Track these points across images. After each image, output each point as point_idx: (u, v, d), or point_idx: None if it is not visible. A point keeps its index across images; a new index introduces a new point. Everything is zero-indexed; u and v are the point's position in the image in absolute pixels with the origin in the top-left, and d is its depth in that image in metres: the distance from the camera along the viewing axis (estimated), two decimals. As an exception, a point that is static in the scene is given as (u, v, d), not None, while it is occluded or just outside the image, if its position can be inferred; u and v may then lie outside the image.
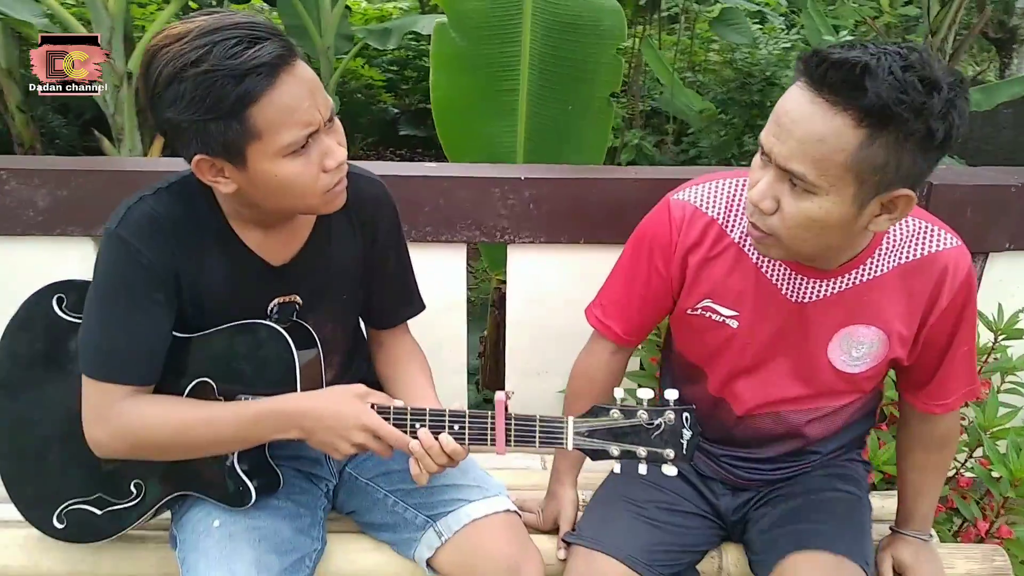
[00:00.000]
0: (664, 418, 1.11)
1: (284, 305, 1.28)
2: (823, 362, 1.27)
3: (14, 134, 4.21)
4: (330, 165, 1.11)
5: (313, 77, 1.08)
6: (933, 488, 1.40)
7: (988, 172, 1.97)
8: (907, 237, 1.21)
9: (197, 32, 1.01)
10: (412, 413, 1.19)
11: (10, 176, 1.81)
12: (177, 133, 1.07)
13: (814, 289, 1.23)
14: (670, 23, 6.35)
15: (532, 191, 1.87)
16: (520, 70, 2.21)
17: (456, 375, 2.09)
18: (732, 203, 1.27)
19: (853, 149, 0.97)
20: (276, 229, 1.24)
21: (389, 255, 1.38)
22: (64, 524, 1.33)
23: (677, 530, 1.37)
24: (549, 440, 1.16)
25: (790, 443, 1.39)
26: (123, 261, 1.14)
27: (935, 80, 0.95)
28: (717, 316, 1.29)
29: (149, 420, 1.17)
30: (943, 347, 1.26)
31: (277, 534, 1.27)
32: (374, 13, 7.48)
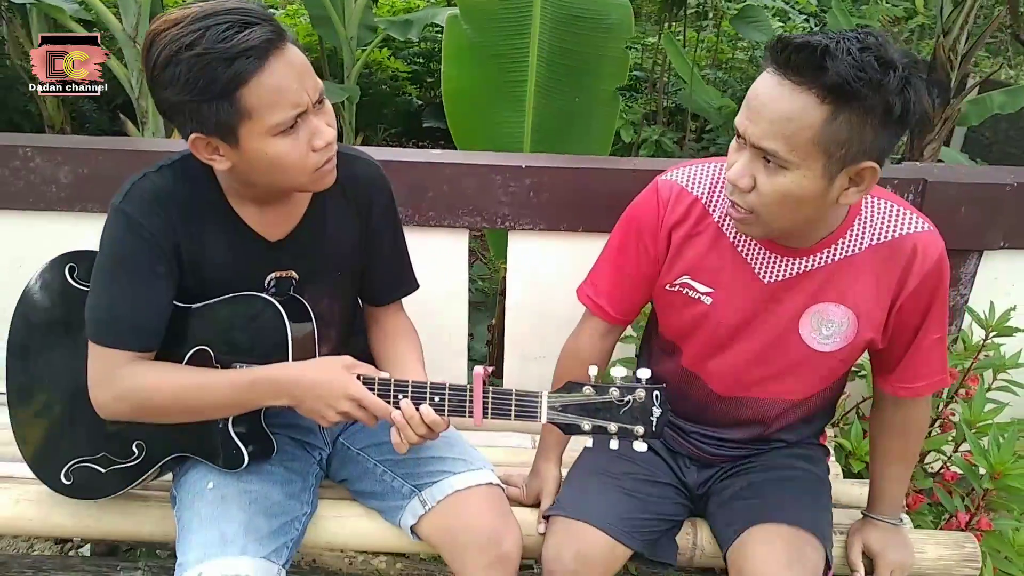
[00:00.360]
0: (635, 396, 1.16)
1: (281, 280, 1.34)
2: (794, 339, 1.32)
3: (45, 117, 4.33)
4: (318, 144, 1.16)
5: (303, 60, 1.13)
6: (899, 473, 1.44)
7: (983, 171, 1.99)
8: (879, 219, 1.26)
9: (192, 17, 1.06)
10: (395, 385, 1.25)
11: (35, 153, 1.90)
12: (174, 113, 1.12)
13: (787, 268, 1.29)
14: (699, 20, 6.35)
15: (532, 179, 1.91)
16: (529, 62, 2.26)
17: (458, 357, 2.15)
18: (715, 184, 1.33)
19: (819, 125, 1.04)
20: (273, 206, 1.30)
21: (383, 234, 1.43)
22: (71, 481, 1.41)
23: (652, 500, 1.42)
24: (524, 413, 1.21)
25: (758, 427, 1.43)
26: (126, 234, 1.21)
27: (890, 60, 1.03)
28: (693, 292, 1.35)
29: (149, 384, 1.23)
30: (913, 330, 1.30)
31: (268, 497, 1.34)
32: (401, 5, 7.56)
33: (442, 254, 2.03)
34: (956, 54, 3.03)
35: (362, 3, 4.60)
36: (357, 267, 1.43)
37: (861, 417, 1.94)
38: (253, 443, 1.35)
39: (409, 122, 6.76)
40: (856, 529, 1.47)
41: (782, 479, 1.42)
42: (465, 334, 2.13)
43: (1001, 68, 4.11)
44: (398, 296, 1.52)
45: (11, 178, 1.92)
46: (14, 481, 1.53)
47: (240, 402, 1.26)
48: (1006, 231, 1.90)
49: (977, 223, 1.88)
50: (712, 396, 1.41)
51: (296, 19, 7.64)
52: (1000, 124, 6.05)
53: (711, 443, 1.47)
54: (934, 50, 3.13)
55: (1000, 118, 5.54)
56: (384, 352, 1.48)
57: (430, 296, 2.03)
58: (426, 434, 1.25)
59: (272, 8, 9.27)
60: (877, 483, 1.46)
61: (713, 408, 1.43)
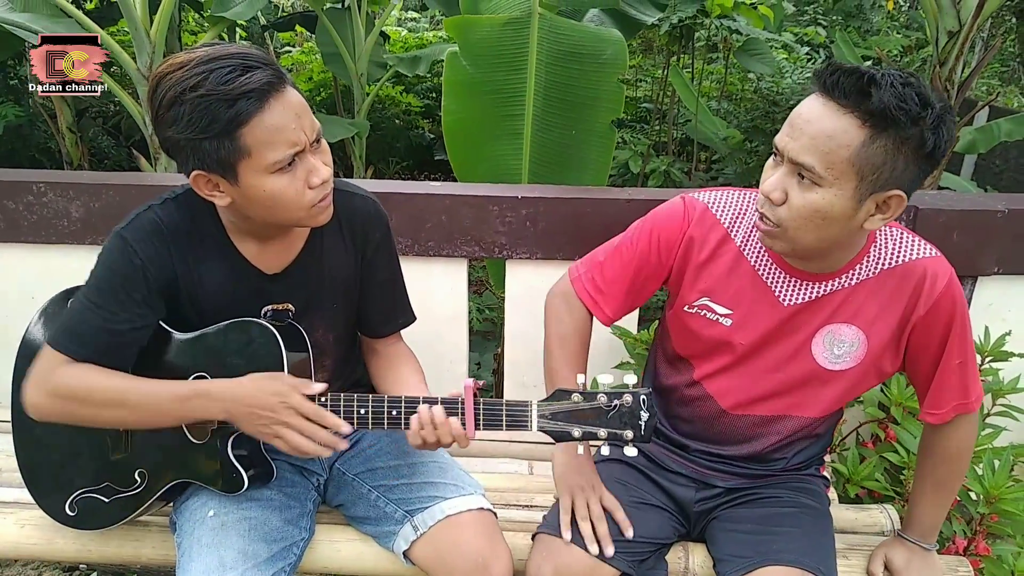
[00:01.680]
0: (622, 401, 1.19)
1: (277, 312, 1.38)
2: (807, 358, 1.35)
3: (64, 154, 4.46)
4: (315, 182, 1.21)
5: (301, 102, 1.19)
6: (932, 499, 1.43)
7: (974, 197, 2.00)
8: (890, 244, 1.31)
9: (197, 61, 1.12)
10: (389, 400, 1.27)
11: (48, 188, 1.97)
12: (177, 151, 1.18)
13: (805, 292, 1.33)
14: (709, 52, 6.44)
15: (528, 209, 1.96)
16: (526, 96, 2.32)
17: (456, 386, 2.17)
18: (739, 212, 1.38)
19: (856, 146, 1.10)
20: (271, 241, 1.34)
21: (379, 267, 1.47)
22: (76, 512, 1.44)
23: (641, 521, 1.43)
24: (515, 423, 1.24)
25: (762, 446, 1.44)
26: (118, 257, 1.26)
27: (928, 98, 1.10)
28: (712, 315, 1.38)
29: (90, 382, 1.25)
30: (934, 356, 1.32)
31: (266, 524, 1.36)
32: (413, 42, 7.71)
33: (442, 283, 2.07)
34: (953, 83, 3.07)
35: (372, 40, 4.72)
36: (353, 299, 1.46)
37: (859, 443, 1.94)
38: (253, 467, 1.38)
39: (421, 155, 6.86)
40: (885, 543, 1.49)
41: (792, 516, 1.42)
42: (466, 362, 2.16)
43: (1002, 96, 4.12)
44: (394, 329, 1.54)
45: (25, 212, 1.99)
46: (19, 506, 1.57)
47: (179, 414, 1.27)
48: (999, 257, 1.91)
49: (970, 249, 1.90)
50: (719, 412, 1.43)
51: (311, 56, 7.83)
52: (1011, 152, 6.05)
53: (714, 461, 1.48)
54: (931, 80, 3.17)
55: (1010, 146, 5.54)
56: (385, 378, 1.51)
57: (430, 325, 2.07)
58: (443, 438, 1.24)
59: (288, 46, 9.52)
60: (912, 505, 1.47)
61: (719, 424, 1.45)
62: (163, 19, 3.26)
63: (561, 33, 2.29)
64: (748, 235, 1.36)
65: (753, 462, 1.47)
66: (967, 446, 1.41)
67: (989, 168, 6.32)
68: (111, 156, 5.65)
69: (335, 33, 4.50)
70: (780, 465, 1.47)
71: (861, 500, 1.82)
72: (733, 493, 1.48)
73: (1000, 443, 1.78)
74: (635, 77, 7.27)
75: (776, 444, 1.44)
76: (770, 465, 1.47)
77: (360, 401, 1.28)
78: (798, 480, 1.49)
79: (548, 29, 2.29)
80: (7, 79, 5.15)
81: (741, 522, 1.43)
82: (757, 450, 1.45)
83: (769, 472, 1.47)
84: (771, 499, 1.46)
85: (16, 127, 5.02)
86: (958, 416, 1.36)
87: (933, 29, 3.22)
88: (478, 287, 4.46)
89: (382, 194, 1.97)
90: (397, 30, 8.50)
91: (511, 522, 1.61)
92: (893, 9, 8.23)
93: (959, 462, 1.41)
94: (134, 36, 3.22)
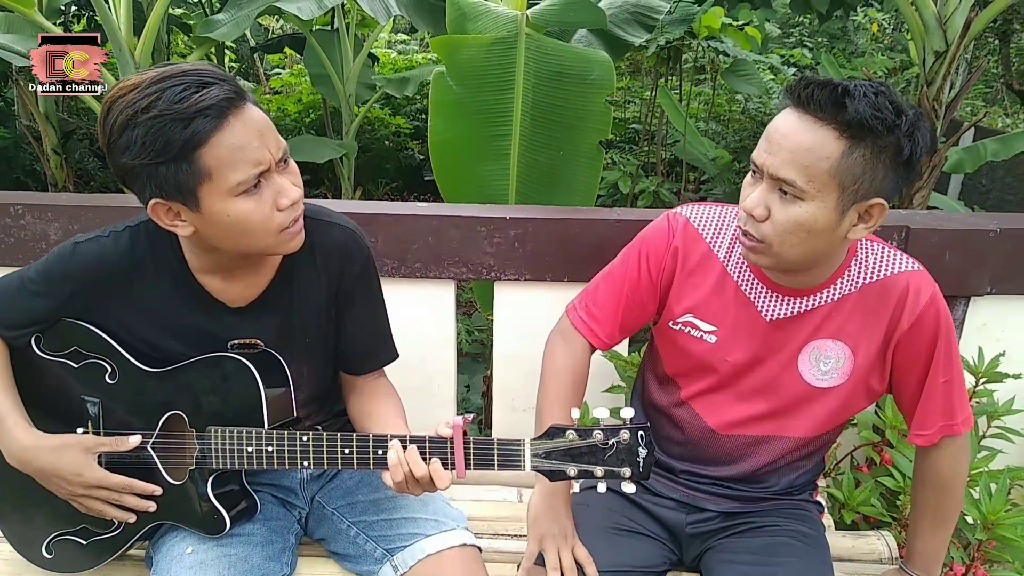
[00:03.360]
0: (619, 438, 1.13)
1: (244, 346, 1.31)
2: (794, 375, 1.33)
3: (48, 175, 4.42)
4: (284, 204, 1.14)
5: (263, 119, 1.12)
6: (931, 530, 1.40)
7: (966, 217, 1.99)
8: (872, 259, 1.30)
9: (149, 81, 1.06)
10: (374, 439, 1.22)
11: (26, 210, 1.93)
12: (132, 179, 1.11)
13: (789, 307, 1.31)
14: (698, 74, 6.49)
15: (517, 230, 1.93)
16: (513, 117, 2.30)
17: (443, 408, 2.13)
18: (721, 226, 1.38)
19: (836, 157, 1.11)
20: (238, 275, 1.28)
21: (357, 302, 1.38)
22: (52, 555, 1.39)
23: (628, 550, 1.39)
24: (507, 463, 1.18)
25: (751, 467, 1.41)
26: (55, 263, 1.26)
27: (901, 106, 1.12)
28: (696, 332, 1.36)
29: None
30: (919, 374, 1.30)
31: (247, 560, 1.31)
32: (403, 64, 7.74)
33: (429, 305, 2.03)
34: (940, 103, 3.08)
35: (361, 62, 4.71)
36: (328, 334, 1.39)
37: (854, 467, 1.91)
38: (235, 505, 1.33)
39: (410, 176, 6.88)
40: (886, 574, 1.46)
41: (790, 546, 1.39)
42: (453, 385, 2.12)
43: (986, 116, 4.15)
44: (374, 367, 1.45)
45: (2, 235, 1.94)
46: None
47: None
48: (992, 276, 1.89)
49: (962, 269, 1.88)
50: (708, 432, 1.40)
51: (300, 78, 7.84)
52: (997, 171, 6.10)
53: (704, 483, 1.44)
54: (919, 100, 3.18)
55: (996, 165, 5.59)
56: (366, 416, 1.42)
57: (417, 347, 2.03)
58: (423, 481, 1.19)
59: (278, 68, 9.54)
60: (911, 536, 1.44)
61: (708, 444, 1.42)
62: (148, 39, 3.24)
63: (548, 53, 2.28)
64: (730, 250, 1.35)
65: (743, 483, 1.44)
66: (959, 473, 1.37)
67: (976, 188, 6.37)
68: (97, 178, 5.61)
69: (324, 55, 4.50)
70: (771, 488, 1.44)
71: (857, 526, 1.79)
72: (728, 519, 1.45)
73: (996, 466, 1.75)
74: (623, 98, 7.31)
75: (766, 465, 1.41)
76: (761, 487, 1.44)
77: (344, 441, 1.22)
78: (792, 506, 1.46)
79: (535, 49, 2.28)
80: (-8, 101, 5.12)
81: (739, 552, 1.39)
82: (746, 471, 1.42)
83: (761, 495, 1.44)
84: (768, 528, 1.42)
85: (1, 149, 4.98)
86: (944, 438, 1.33)
87: (920, 49, 3.24)
88: (467, 308, 4.43)
89: (368, 215, 1.96)
90: (386, 52, 8.53)
91: (499, 552, 1.57)
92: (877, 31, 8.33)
93: (952, 490, 1.38)
94: (118, 57, 3.20)
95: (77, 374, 1.31)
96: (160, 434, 1.30)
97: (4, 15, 3.58)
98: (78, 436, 1.28)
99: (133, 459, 1.30)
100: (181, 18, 6.38)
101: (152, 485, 1.28)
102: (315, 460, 1.24)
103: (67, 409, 1.32)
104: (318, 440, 1.23)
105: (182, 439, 1.29)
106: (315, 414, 1.47)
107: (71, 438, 1.27)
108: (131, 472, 1.29)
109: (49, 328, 1.31)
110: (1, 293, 1.30)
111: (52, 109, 4.49)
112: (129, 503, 1.28)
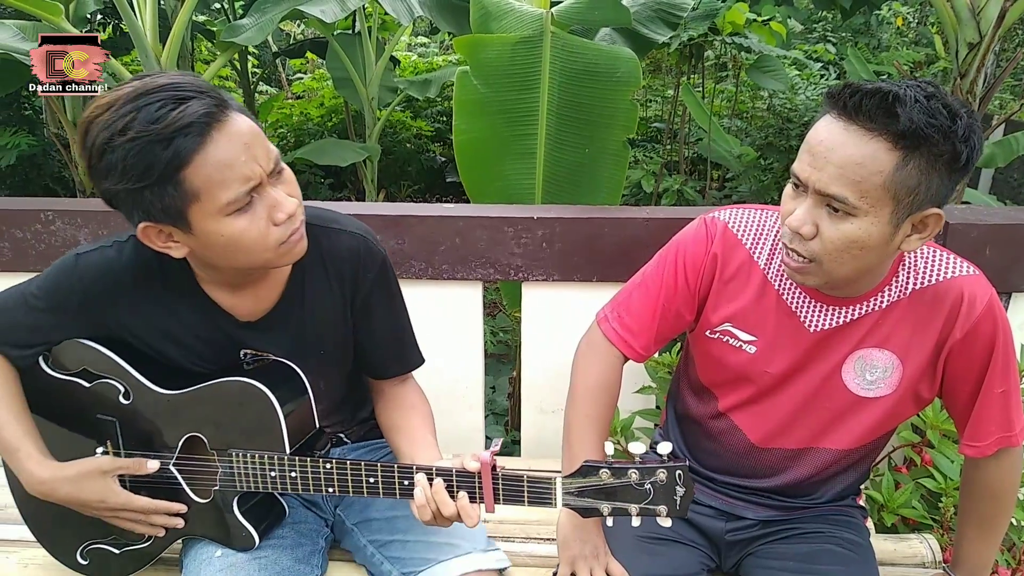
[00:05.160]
0: (655, 479, 1.07)
1: (256, 356, 1.29)
2: (838, 385, 1.27)
3: (76, 182, 4.46)
4: (279, 218, 1.08)
5: (250, 128, 1.04)
6: (979, 538, 1.36)
7: (1006, 211, 1.94)
8: (922, 264, 1.23)
9: (124, 99, 0.99)
10: (399, 471, 1.18)
11: (56, 216, 1.94)
12: (118, 203, 1.06)
13: (833, 317, 1.25)
14: (720, 71, 6.43)
15: (544, 230, 1.91)
16: (539, 115, 2.28)
17: (472, 411, 2.12)
18: (761, 231, 1.31)
19: (889, 171, 1.03)
20: (246, 288, 1.24)
21: (376, 310, 1.34)
22: (87, 561, 1.39)
23: (664, 558, 1.36)
24: (538, 499, 1.14)
25: (793, 479, 1.37)
26: (60, 280, 1.22)
27: (955, 108, 1.04)
28: (735, 341, 1.31)
29: None
30: (973, 386, 1.24)
31: (277, 563, 1.30)
32: (423, 66, 7.75)
33: (456, 306, 2.02)
34: (974, 96, 3.01)
35: (383, 65, 4.72)
36: (344, 344, 1.35)
37: (893, 468, 1.86)
38: (264, 518, 1.32)
39: (432, 178, 6.89)
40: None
41: (835, 553, 1.34)
42: (481, 387, 2.11)
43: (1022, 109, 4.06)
44: (398, 372, 1.41)
45: (33, 241, 1.96)
46: (22, 544, 1.52)
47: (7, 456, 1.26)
48: (1034, 272, 1.84)
49: (1004, 265, 1.83)
50: (748, 446, 1.36)
51: (323, 82, 7.88)
52: (1027, 165, 5.97)
53: (744, 492, 1.41)
54: (951, 92, 3.11)
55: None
56: (394, 426, 1.39)
57: (444, 349, 2.01)
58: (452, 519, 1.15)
59: (300, 73, 9.60)
60: (958, 542, 1.40)
61: (748, 458, 1.38)
62: (174, 46, 3.26)
63: (574, 52, 2.26)
64: (771, 257, 1.29)
65: (784, 495, 1.40)
66: (1013, 482, 1.31)
67: (1007, 182, 6.26)
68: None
69: (346, 58, 4.51)
70: (814, 499, 1.40)
71: (896, 529, 1.74)
72: (769, 526, 1.41)
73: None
74: (644, 97, 7.26)
75: (808, 477, 1.36)
76: (803, 499, 1.40)
77: (368, 470, 1.19)
78: (836, 512, 1.41)
79: (561, 48, 2.26)
80: (21, 109, 5.19)
81: (781, 559, 1.35)
82: (788, 482, 1.37)
83: (803, 505, 1.40)
84: (812, 534, 1.38)
85: (30, 156, 5.05)
86: (1001, 450, 1.27)
87: (953, 41, 3.17)
88: (491, 309, 4.42)
89: (394, 217, 1.95)
90: (407, 55, 8.55)
91: (531, 556, 1.55)
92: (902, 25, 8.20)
93: (1005, 499, 1.32)
94: (144, 63, 3.22)
95: (90, 393, 1.28)
96: (181, 455, 1.28)
97: (31, 24, 3.63)
98: (96, 460, 1.25)
99: (158, 478, 1.29)
100: (204, 24, 6.44)
101: (177, 504, 1.28)
102: (340, 487, 1.21)
103: (86, 427, 1.31)
104: (342, 468, 1.20)
105: (204, 461, 1.27)
106: (337, 423, 1.45)
107: (88, 464, 1.24)
108: (157, 489, 1.29)
109: (56, 347, 1.28)
110: (3, 311, 1.25)
111: (80, 117, 4.54)
112: (157, 522, 1.27)
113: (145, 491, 1.28)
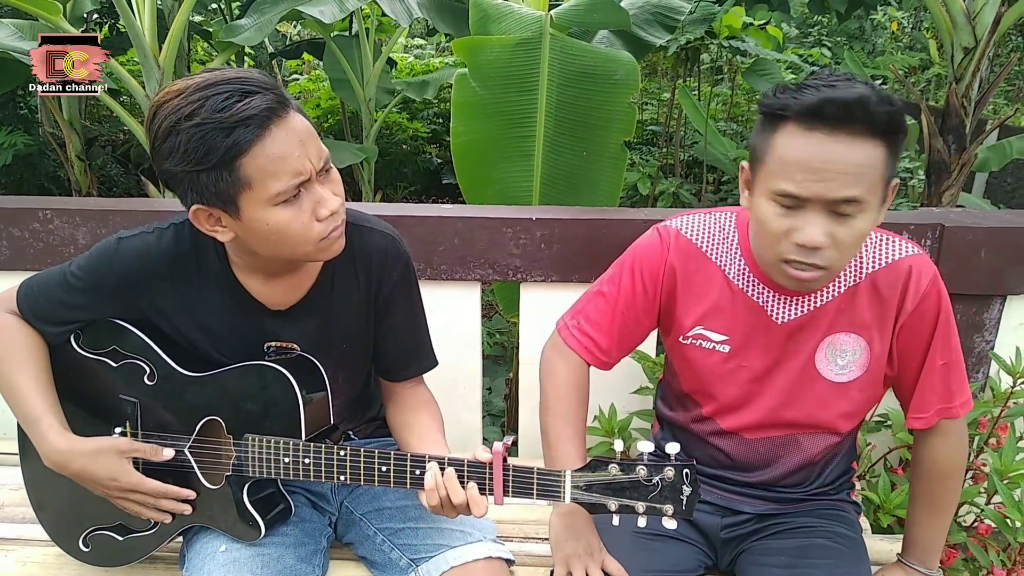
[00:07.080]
0: (663, 475, 1.09)
1: (280, 349, 1.32)
2: (813, 374, 1.31)
3: (73, 182, 4.46)
4: (323, 214, 1.13)
5: (306, 127, 1.11)
6: (926, 518, 1.38)
7: (1001, 214, 1.96)
8: (873, 247, 1.29)
9: (194, 87, 1.06)
10: (412, 460, 1.20)
11: (54, 215, 1.94)
12: (175, 184, 1.11)
13: (797, 307, 1.29)
14: (716, 75, 6.45)
15: (543, 231, 1.92)
16: (537, 117, 2.29)
17: (470, 412, 2.13)
18: (714, 233, 1.35)
19: (882, 163, 1.12)
20: (279, 278, 1.28)
21: (395, 308, 1.37)
22: (89, 548, 1.40)
23: (660, 554, 1.37)
24: (546, 493, 1.15)
25: (782, 470, 1.39)
26: (101, 261, 1.27)
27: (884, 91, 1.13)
28: (708, 343, 1.34)
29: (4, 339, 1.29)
30: (919, 357, 1.29)
31: (280, 561, 1.31)
32: (420, 68, 7.77)
33: (454, 307, 2.02)
34: (969, 100, 3.03)
35: (380, 66, 4.73)
36: (365, 340, 1.38)
37: (889, 469, 1.87)
38: (271, 510, 1.32)
39: (428, 180, 6.90)
40: (884, 569, 1.43)
41: (826, 548, 1.36)
42: (479, 387, 2.11)
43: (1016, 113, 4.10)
44: (412, 373, 1.43)
45: (31, 240, 1.96)
46: (21, 543, 1.52)
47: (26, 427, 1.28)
48: (1029, 275, 1.85)
49: (998, 268, 1.84)
50: (738, 441, 1.38)
51: (319, 84, 7.89)
52: (1021, 170, 6.01)
53: (739, 486, 1.43)
54: (947, 97, 3.14)
55: (1021, 163, 5.50)
56: (404, 425, 1.41)
57: (444, 350, 2.01)
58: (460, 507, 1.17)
59: (296, 74, 9.60)
60: (908, 526, 1.42)
61: (738, 454, 1.40)
62: (172, 45, 3.26)
63: (572, 54, 2.27)
64: (728, 256, 1.33)
65: (779, 486, 1.41)
66: (959, 460, 1.36)
67: (1001, 186, 6.29)
68: (120, 184, 5.67)
69: (343, 59, 4.51)
70: (808, 487, 1.42)
71: (893, 530, 1.75)
72: (764, 520, 1.42)
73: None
74: (641, 100, 7.29)
75: (800, 464, 1.39)
76: (797, 488, 1.42)
77: (382, 458, 1.21)
78: (829, 506, 1.43)
79: (560, 50, 2.27)
80: (17, 108, 5.18)
81: (773, 555, 1.37)
82: (780, 473, 1.40)
83: (799, 496, 1.42)
84: (804, 529, 1.40)
85: (26, 156, 5.04)
86: (942, 421, 1.31)
87: (948, 46, 3.19)
88: (487, 311, 4.43)
89: (393, 218, 1.94)
90: (403, 56, 8.56)
91: (530, 556, 1.55)
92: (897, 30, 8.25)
93: (952, 479, 1.36)
94: (143, 63, 3.22)
95: (116, 373, 1.32)
96: (197, 438, 1.30)
97: (28, 23, 3.62)
98: (113, 440, 1.28)
99: (170, 462, 1.30)
100: (201, 25, 6.44)
101: (187, 490, 1.29)
102: (352, 475, 1.23)
103: (106, 407, 1.33)
104: (355, 456, 1.22)
105: (219, 444, 1.29)
106: (348, 420, 1.46)
107: (106, 442, 1.26)
108: (168, 474, 1.30)
109: (88, 326, 1.32)
110: (42, 288, 1.30)
111: (76, 116, 4.54)
112: (165, 507, 1.29)
113: (155, 476, 1.30)
